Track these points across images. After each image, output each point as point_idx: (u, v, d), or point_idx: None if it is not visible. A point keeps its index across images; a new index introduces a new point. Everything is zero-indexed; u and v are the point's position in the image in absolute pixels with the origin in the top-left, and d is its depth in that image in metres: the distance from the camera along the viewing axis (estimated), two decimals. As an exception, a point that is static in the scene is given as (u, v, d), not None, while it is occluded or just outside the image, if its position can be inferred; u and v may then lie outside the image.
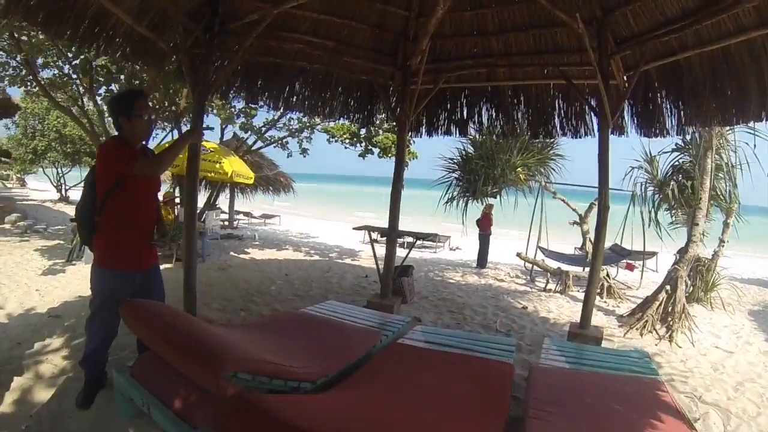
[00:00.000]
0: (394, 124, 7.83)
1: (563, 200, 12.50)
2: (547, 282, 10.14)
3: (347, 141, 14.87)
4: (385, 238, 7.31)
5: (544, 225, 12.64)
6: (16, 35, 10.10)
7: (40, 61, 11.11)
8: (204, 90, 5.53)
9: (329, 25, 6.76)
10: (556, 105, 7.05)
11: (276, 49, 6.87)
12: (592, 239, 6.52)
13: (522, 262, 12.13)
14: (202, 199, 18.27)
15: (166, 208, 10.44)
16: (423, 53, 6.36)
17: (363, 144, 14.74)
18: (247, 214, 23.06)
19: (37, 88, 12.32)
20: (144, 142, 3.65)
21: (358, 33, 7.01)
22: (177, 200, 11.67)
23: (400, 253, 7.93)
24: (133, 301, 3.12)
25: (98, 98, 11.52)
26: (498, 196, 12.69)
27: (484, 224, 13.33)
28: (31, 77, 11.62)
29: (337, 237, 18.45)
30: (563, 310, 7.96)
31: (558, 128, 7.11)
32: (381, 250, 7.56)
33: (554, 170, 12.71)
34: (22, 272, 8.05)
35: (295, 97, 7.55)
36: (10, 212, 15.48)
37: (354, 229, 7.79)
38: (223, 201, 21.20)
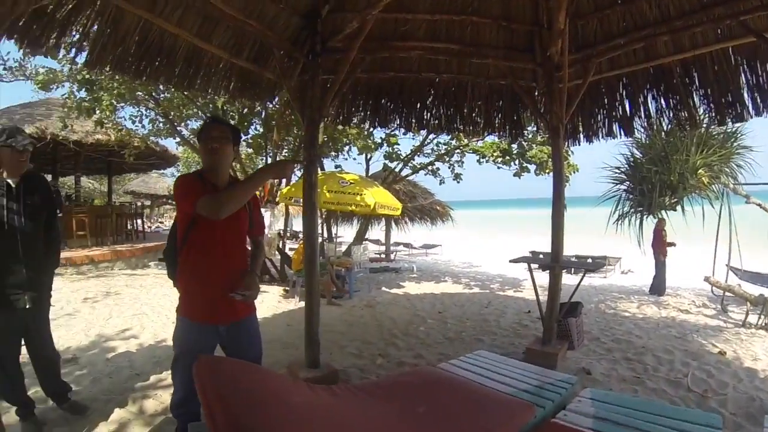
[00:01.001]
0: (547, 135, 6.61)
1: (760, 205, 10.15)
2: (747, 314, 8.12)
3: (499, 160, 13.52)
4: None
5: (734, 238, 10.16)
6: (153, 94, 10.67)
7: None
8: (314, 116, 5.07)
9: (448, 26, 5.83)
10: (743, 74, 5.25)
11: (394, 63, 6.13)
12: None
13: (710, 286, 10.05)
14: (351, 232, 18.50)
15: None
16: (563, 36, 5.19)
17: (516, 161, 13.35)
18: (407, 245, 22.45)
19: (178, 139, 13.04)
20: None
21: (483, 29, 5.92)
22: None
23: (567, 280, 6.64)
24: (203, 359, 2.53)
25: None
26: (679, 207, 10.64)
27: (657, 246, 11.27)
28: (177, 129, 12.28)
29: (499, 265, 16.75)
30: (775, 357, 6.06)
31: (750, 106, 5.28)
32: (545, 277, 6.30)
33: (743, 168, 10.39)
34: (167, 304, 8.25)
35: (428, 114, 6.71)
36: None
37: (512, 261, 6.61)
38: (379, 233, 20.99)
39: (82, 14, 4.19)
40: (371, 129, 11.92)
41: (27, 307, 3.50)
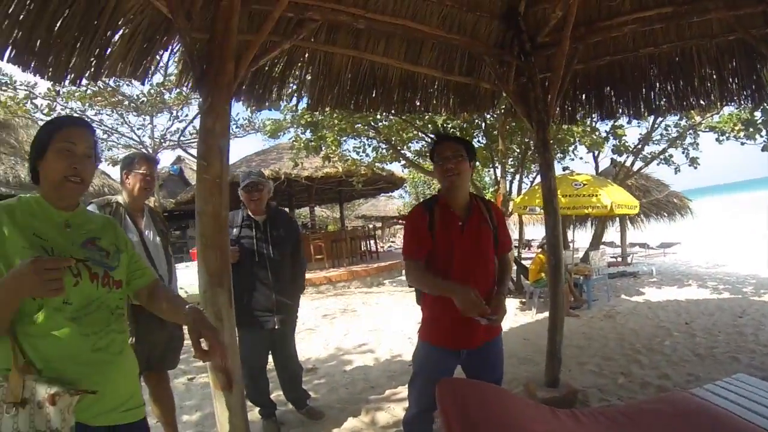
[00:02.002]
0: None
1: None
2: None
3: (741, 134, 11.52)
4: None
5: None
6: (372, 124, 11.26)
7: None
8: (541, 118, 4.83)
9: (657, -12, 5.08)
10: None
11: (608, 46, 5.53)
12: None
13: None
14: (585, 236, 17.43)
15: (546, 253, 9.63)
16: None
17: (763, 132, 11.13)
18: (643, 245, 20.48)
19: (403, 162, 13.46)
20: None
21: None
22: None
23: None
24: (446, 381, 2.50)
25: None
26: None
27: None
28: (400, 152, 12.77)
29: (751, 263, 14.53)
30: None
31: None
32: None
33: None
34: (403, 320, 8.48)
35: (654, 95, 5.88)
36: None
37: None
38: (614, 234, 19.62)
39: (294, 66, 4.63)
40: (595, 123, 11.12)
41: (275, 327, 3.91)
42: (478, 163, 13.71)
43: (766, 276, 12.11)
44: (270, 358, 4.25)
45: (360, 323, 8.76)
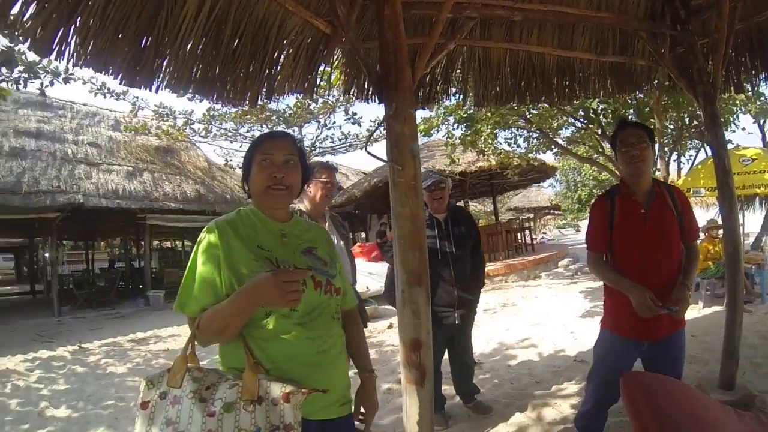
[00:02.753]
0: None
1: None
2: None
3: None
4: None
5: None
6: (525, 113, 11.28)
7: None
8: (707, 91, 4.50)
9: None
10: None
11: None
12: None
13: None
14: (754, 219, 15.70)
15: (710, 240, 8.87)
16: None
17: None
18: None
19: (555, 149, 13.02)
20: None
21: None
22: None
23: None
24: (632, 374, 2.42)
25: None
26: None
27: None
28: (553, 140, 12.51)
29: None
30: None
31: None
32: None
33: None
34: (565, 314, 8.28)
35: None
36: (563, 257, 16.82)
37: None
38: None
39: (456, 64, 4.75)
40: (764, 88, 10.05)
41: (456, 323, 4.06)
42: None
43: None
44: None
45: (521, 317, 8.66)
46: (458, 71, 4.81)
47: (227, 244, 1.70)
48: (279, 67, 3.67)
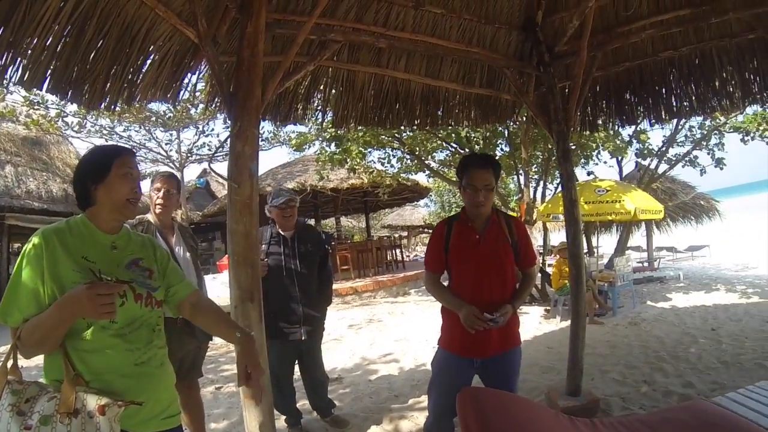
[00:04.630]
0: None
1: None
2: None
3: (767, 133, 11.53)
4: None
5: None
6: (397, 135, 11.54)
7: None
8: (561, 129, 4.86)
9: (674, -10, 5.06)
10: None
11: (626, 51, 5.52)
12: None
13: None
14: (610, 242, 17.27)
15: (566, 260, 9.60)
16: None
17: None
18: (670, 249, 20.24)
19: (428, 172, 13.66)
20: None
21: None
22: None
23: None
24: (467, 390, 2.55)
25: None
26: None
27: None
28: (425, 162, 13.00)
29: None
30: None
31: None
32: None
33: None
34: (429, 329, 8.34)
35: (676, 98, 5.83)
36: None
37: None
38: (640, 239, 19.40)
39: (319, 84, 4.81)
40: (618, 128, 11.10)
41: (302, 339, 4.11)
42: (502, 172, 13.78)
43: (798, 279, 11.80)
44: (297, 369, 4.38)
45: (386, 333, 8.81)
46: (321, 91, 4.90)
47: (52, 254, 1.67)
48: (143, 73, 3.58)
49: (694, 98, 5.75)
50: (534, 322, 9.15)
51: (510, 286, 2.99)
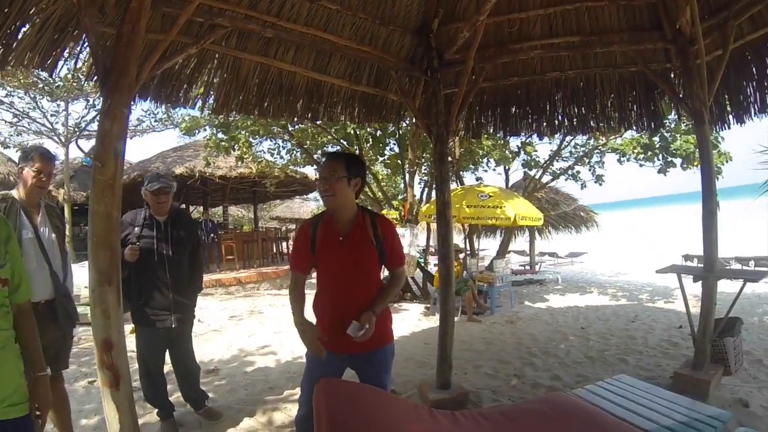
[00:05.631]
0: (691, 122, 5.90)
1: None
2: None
3: (641, 156, 12.50)
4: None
5: None
6: (288, 127, 11.45)
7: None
8: (441, 132, 4.98)
9: (564, 17, 5.37)
10: None
11: (516, 67, 5.85)
12: None
13: None
14: (495, 244, 18.03)
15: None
16: (690, 2, 4.46)
17: (660, 156, 12.16)
18: (552, 254, 21.66)
19: (315, 167, 13.68)
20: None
21: (601, 14, 5.32)
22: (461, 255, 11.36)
23: (726, 287, 5.71)
24: (324, 382, 2.57)
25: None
26: None
27: None
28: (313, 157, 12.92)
29: (649, 273, 15.15)
30: None
31: None
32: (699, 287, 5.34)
33: None
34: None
35: (558, 116, 6.26)
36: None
37: (659, 272, 5.82)
38: (524, 243, 20.38)
39: (204, 69, 4.64)
40: (507, 138, 11.62)
41: (172, 326, 3.98)
42: (389, 171, 13.94)
43: (660, 284, 13.08)
44: (168, 360, 4.23)
45: (266, 325, 8.75)
46: (205, 75, 4.73)
47: None
48: (20, 37, 3.32)
49: (575, 119, 6.20)
50: (414, 319, 9.39)
51: (374, 288, 2.99)
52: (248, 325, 8.73)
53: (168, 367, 4.20)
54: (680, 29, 4.86)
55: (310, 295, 2.97)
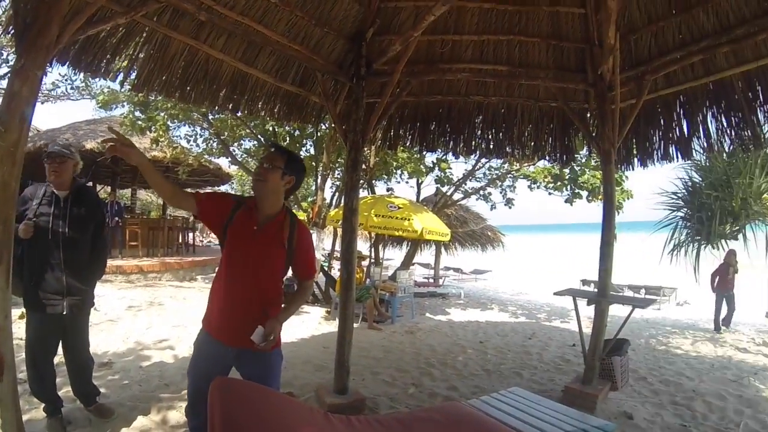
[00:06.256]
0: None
1: None
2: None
3: (550, 186, 13.16)
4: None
5: None
6: (209, 116, 11.24)
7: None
8: (357, 140, 5.05)
9: (496, 46, 5.65)
10: None
11: (442, 85, 6.04)
12: None
13: None
14: (402, 255, 18.31)
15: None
16: (614, 53, 4.85)
17: (568, 187, 12.88)
18: (457, 270, 22.26)
19: (230, 159, 13.62)
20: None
21: (532, 49, 5.69)
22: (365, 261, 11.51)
23: (618, 311, 6.18)
24: (220, 380, 2.48)
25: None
26: (740, 236, 9.94)
27: (722, 282, 10.90)
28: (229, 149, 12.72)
29: (548, 294, 16.15)
30: None
31: None
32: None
33: None
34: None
35: (477, 138, 6.51)
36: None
37: (556, 294, 6.19)
38: (430, 257, 20.76)
39: (131, 41, 4.40)
40: (423, 153, 11.86)
41: (64, 313, 3.65)
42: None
43: (558, 305, 13.74)
44: (60, 350, 3.91)
45: (165, 318, 8.45)
46: (131, 49, 4.47)
47: None
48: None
49: (492, 142, 6.48)
50: (314, 322, 9.38)
51: (273, 288, 2.94)
52: (146, 317, 8.37)
53: (59, 357, 3.86)
54: (601, 75, 5.29)
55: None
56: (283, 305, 2.93)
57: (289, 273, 3.09)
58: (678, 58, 5.04)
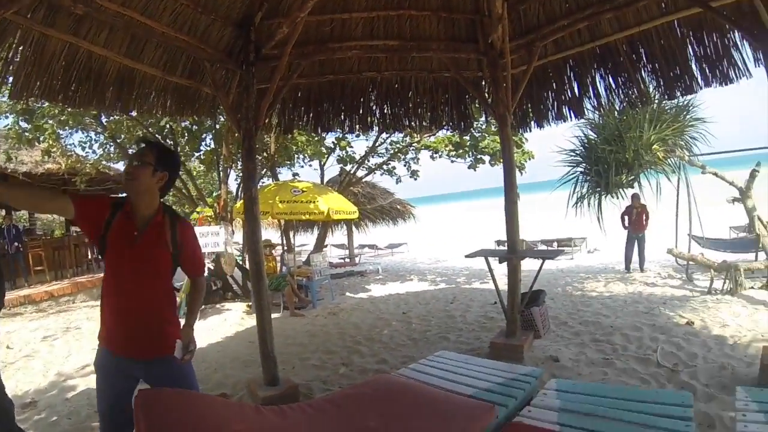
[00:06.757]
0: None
1: (715, 174, 10.13)
2: (711, 281, 8.29)
3: (452, 154, 13.51)
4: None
5: (693, 209, 10.57)
6: (102, 119, 10.74)
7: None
8: (249, 127, 4.94)
9: (386, 22, 5.73)
10: (689, 46, 5.12)
11: (333, 65, 6.06)
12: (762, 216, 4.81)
13: (673, 258, 10.48)
14: (314, 239, 18.35)
15: (265, 257, 9.97)
16: (503, 22, 5.13)
17: (470, 154, 13.29)
18: (372, 246, 22.46)
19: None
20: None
21: (423, 22, 5.81)
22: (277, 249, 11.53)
23: (534, 265, 6.52)
24: (142, 392, 2.38)
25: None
26: (636, 184, 10.73)
27: (638, 224, 11.69)
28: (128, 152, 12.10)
29: (465, 259, 16.72)
30: (742, 320, 6.17)
31: (699, 78, 5.16)
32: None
33: (696, 139, 10.32)
34: None
35: (372, 114, 6.60)
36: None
37: (467, 256, 6.38)
38: (343, 237, 20.84)
39: (4, 42, 4.02)
40: (323, 134, 11.85)
41: None
42: (203, 167, 13.57)
43: (476, 267, 14.06)
44: None
45: (83, 342, 8.00)
46: (3, 52, 4.10)
47: None
48: None
49: (389, 117, 6.59)
50: (236, 318, 9.28)
51: (163, 293, 2.79)
52: (64, 345, 7.87)
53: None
54: (492, 44, 5.53)
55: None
56: (184, 312, 2.86)
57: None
58: (565, 25, 5.41)
